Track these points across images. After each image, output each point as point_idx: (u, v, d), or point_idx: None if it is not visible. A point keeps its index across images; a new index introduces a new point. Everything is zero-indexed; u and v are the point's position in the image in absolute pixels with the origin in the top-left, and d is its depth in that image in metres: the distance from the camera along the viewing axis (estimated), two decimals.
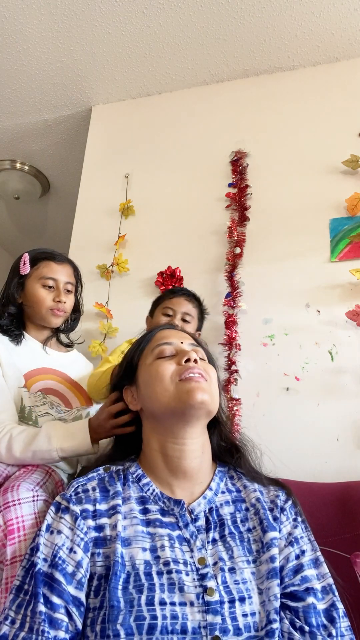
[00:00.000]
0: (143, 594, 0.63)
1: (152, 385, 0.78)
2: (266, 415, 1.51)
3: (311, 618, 0.66)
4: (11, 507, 0.83)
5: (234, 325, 1.62)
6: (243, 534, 0.72)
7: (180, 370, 0.77)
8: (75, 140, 2.38)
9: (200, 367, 0.78)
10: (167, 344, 0.82)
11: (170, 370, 0.77)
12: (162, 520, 0.72)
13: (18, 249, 1.40)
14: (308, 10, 1.72)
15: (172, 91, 2.10)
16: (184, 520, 0.72)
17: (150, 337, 0.86)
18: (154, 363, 0.80)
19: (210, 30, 1.82)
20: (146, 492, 0.75)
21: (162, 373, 0.77)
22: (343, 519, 1.05)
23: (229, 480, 0.81)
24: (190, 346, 0.83)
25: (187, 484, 0.76)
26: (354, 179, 1.70)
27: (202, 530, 0.72)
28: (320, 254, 1.64)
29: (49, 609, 0.62)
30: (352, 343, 1.51)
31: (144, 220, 1.94)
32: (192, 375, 0.76)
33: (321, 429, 1.44)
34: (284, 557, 0.71)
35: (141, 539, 0.69)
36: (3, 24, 1.83)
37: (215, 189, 1.87)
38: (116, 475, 0.78)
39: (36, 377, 1.22)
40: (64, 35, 1.87)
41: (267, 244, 1.72)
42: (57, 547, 0.67)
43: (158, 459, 0.77)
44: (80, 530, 0.69)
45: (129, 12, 1.77)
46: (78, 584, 0.65)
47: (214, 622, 0.62)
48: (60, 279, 1.28)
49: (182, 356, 0.79)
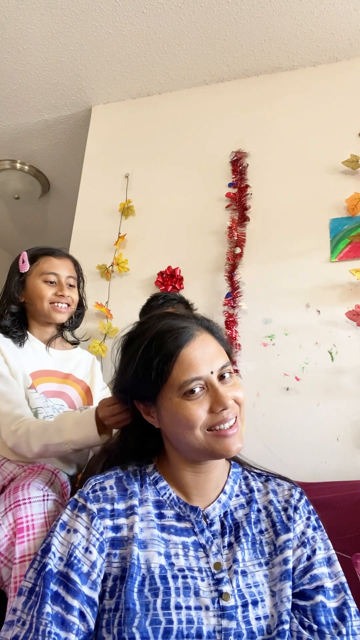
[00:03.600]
0: (159, 598, 0.63)
1: (179, 428, 0.70)
2: (266, 415, 1.51)
3: (320, 616, 0.66)
4: (21, 506, 0.83)
5: (234, 325, 1.62)
6: (255, 536, 0.72)
7: (213, 421, 0.69)
8: (75, 140, 2.38)
9: (234, 409, 0.70)
10: (197, 380, 0.69)
11: (202, 419, 0.69)
12: (177, 527, 0.71)
13: (18, 249, 1.39)
14: (308, 10, 1.72)
15: (172, 91, 2.10)
16: (200, 526, 0.72)
17: (171, 363, 0.70)
18: (181, 403, 0.69)
19: (210, 30, 1.82)
20: (163, 495, 0.75)
21: (194, 421, 0.69)
22: (344, 519, 1.05)
23: (243, 481, 0.80)
24: (218, 374, 0.71)
25: (203, 491, 0.76)
26: (354, 179, 1.70)
27: (218, 534, 0.72)
28: (321, 254, 1.64)
29: (63, 609, 0.62)
30: (352, 343, 1.51)
31: (144, 220, 1.94)
32: (227, 428, 0.69)
33: (321, 429, 1.44)
34: (296, 558, 0.70)
35: (157, 543, 0.69)
36: (3, 24, 1.83)
37: (215, 189, 1.87)
38: (133, 476, 0.77)
39: (38, 380, 1.21)
40: (64, 35, 1.87)
41: (267, 244, 1.72)
42: (73, 547, 0.67)
43: (177, 471, 0.76)
44: (97, 531, 0.68)
45: (129, 12, 1.77)
46: (93, 584, 0.65)
47: (228, 627, 0.62)
48: (61, 274, 1.26)
49: (216, 404, 0.69)
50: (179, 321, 0.76)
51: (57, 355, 1.30)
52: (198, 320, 0.79)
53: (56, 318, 1.26)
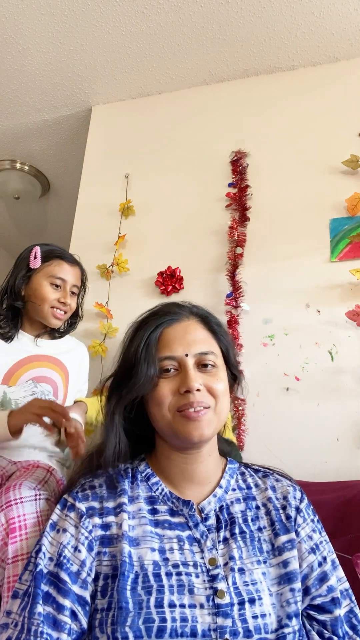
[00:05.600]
0: (152, 596, 0.62)
1: (154, 407, 0.73)
2: (266, 415, 1.51)
3: (338, 629, 0.67)
4: (13, 506, 0.83)
5: (236, 325, 1.62)
6: (254, 533, 0.71)
7: (179, 402, 0.70)
8: (75, 140, 2.38)
9: (200, 399, 0.70)
10: (170, 359, 0.72)
11: (169, 399, 0.71)
12: (171, 522, 0.70)
13: (18, 249, 1.39)
14: (308, 10, 1.72)
15: (172, 91, 2.10)
16: (194, 520, 0.71)
17: (154, 338, 0.74)
18: (157, 382, 0.72)
19: (210, 30, 1.82)
20: (155, 491, 0.74)
21: (161, 400, 0.71)
22: (344, 519, 1.05)
23: (240, 476, 0.79)
24: (195, 359, 0.73)
25: (196, 486, 0.75)
26: (354, 179, 1.70)
27: (213, 529, 0.70)
28: (321, 254, 1.64)
29: (55, 609, 0.62)
30: (352, 343, 1.51)
31: (144, 220, 1.93)
32: (190, 411, 0.69)
33: (321, 429, 1.44)
34: (307, 566, 0.69)
35: (150, 539, 0.68)
36: (3, 24, 1.83)
37: (215, 189, 1.87)
38: (124, 473, 0.76)
39: (28, 366, 1.21)
40: (64, 35, 1.87)
41: (267, 244, 1.72)
42: (62, 546, 0.66)
43: (165, 461, 0.76)
44: (85, 529, 0.68)
45: (129, 12, 1.77)
46: (83, 583, 0.64)
47: (224, 624, 0.62)
48: (68, 280, 1.28)
49: (182, 385, 0.70)
50: (174, 307, 0.79)
51: (46, 344, 1.30)
52: (193, 308, 0.80)
53: (52, 323, 1.27)
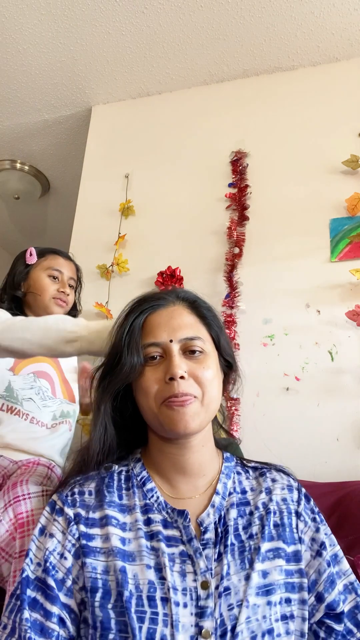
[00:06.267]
0: (144, 625, 0.58)
1: (141, 397, 0.69)
2: (266, 415, 1.51)
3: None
4: (21, 501, 0.83)
5: (232, 325, 1.62)
6: (244, 543, 0.66)
7: (164, 392, 0.66)
8: (75, 140, 2.38)
9: (185, 389, 0.66)
10: (154, 346, 0.69)
11: (155, 387, 0.67)
12: (164, 535, 0.65)
13: (18, 249, 1.42)
14: (308, 10, 1.72)
15: (172, 91, 2.10)
16: (188, 534, 0.65)
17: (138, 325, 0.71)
18: (143, 370, 0.69)
19: (210, 30, 1.82)
20: (150, 498, 0.69)
21: (147, 389, 0.68)
22: (344, 519, 1.05)
23: (236, 476, 0.74)
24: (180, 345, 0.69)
25: (190, 479, 0.71)
26: (354, 179, 1.70)
27: (211, 543, 0.65)
28: (320, 254, 1.64)
29: (42, 615, 0.61)
30: (352, 343, 1.51)
31: (144, 220, 1.94)
32: (175, 401, 0.65)
33: (321, 429, 1.44)
34: (314, 571, 0.66)
35: (146, 555, 0.64)
36: (3, 24, 1.83)
37: (215, 189, 1.87)
38: (117, 478, 0.71)
39: (30, 359, 1.22)
40: (64, 35, 1.87)
41: (267, 244, 1.72)
42: (49, 552, 0.64)
43: (157, 454, 0.72)
44: (72, 536, 0.65)
45: (129, 12, 1.77)
46: (68, 591, 0.62)
47: None
48: (65, 273, 1.34)
49: (167, 373, 0.67)
50: (160, 293, 0.76)
51: None
52: (180, 293, 0.77)
53: (54, 312, 1.29)
